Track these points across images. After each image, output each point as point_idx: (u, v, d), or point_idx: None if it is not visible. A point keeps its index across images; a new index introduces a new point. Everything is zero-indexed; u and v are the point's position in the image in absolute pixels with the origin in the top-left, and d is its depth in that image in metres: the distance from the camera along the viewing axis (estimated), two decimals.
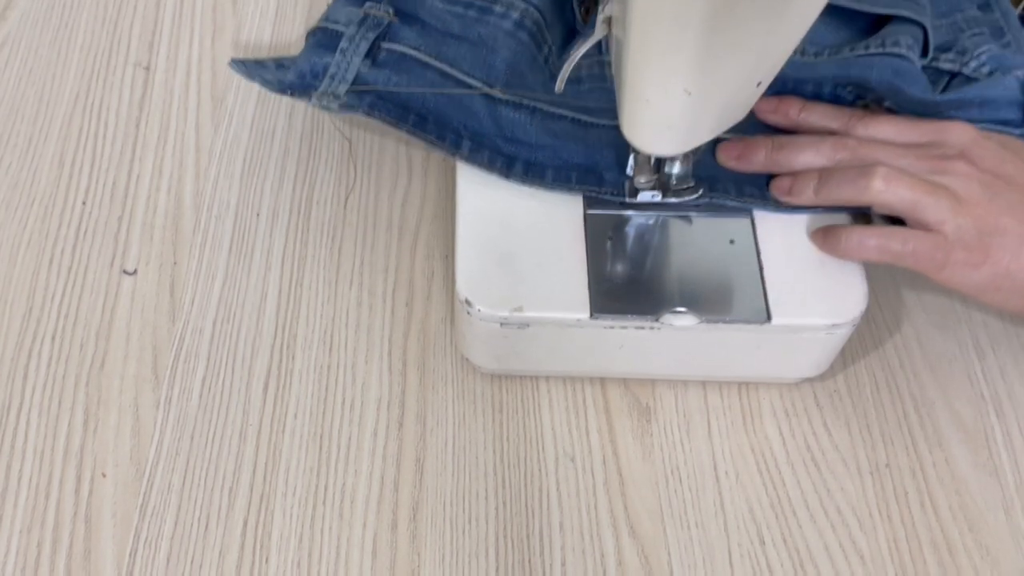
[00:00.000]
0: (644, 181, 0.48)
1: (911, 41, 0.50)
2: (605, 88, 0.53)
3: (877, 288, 0.55)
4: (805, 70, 0.52)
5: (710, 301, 0.47)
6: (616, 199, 0.50)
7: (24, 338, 0.53)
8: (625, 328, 0.47)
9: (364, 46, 0.53)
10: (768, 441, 0.51)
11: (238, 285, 0.55)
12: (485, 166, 0.50)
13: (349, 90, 0.52)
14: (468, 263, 0.48)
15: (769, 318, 0.47)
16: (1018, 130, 0.51)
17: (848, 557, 0.48)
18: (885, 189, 0.46)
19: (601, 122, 0.52)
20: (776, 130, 0.52)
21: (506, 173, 0.50)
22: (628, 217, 0.50)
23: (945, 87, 0.53)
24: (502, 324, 0.47)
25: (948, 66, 0.53)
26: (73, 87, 0.62)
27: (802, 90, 0.53)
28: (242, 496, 0.48)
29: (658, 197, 0.49)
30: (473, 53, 0.53)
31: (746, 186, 0.50)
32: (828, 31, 0.53)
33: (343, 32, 0.54)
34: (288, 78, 0.54)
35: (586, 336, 0.48)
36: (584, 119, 0.52)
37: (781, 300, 0.47)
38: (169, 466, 0.49)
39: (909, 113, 0.52)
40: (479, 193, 0.50)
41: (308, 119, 0.61)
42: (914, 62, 0.50)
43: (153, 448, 0.50)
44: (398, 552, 0.47)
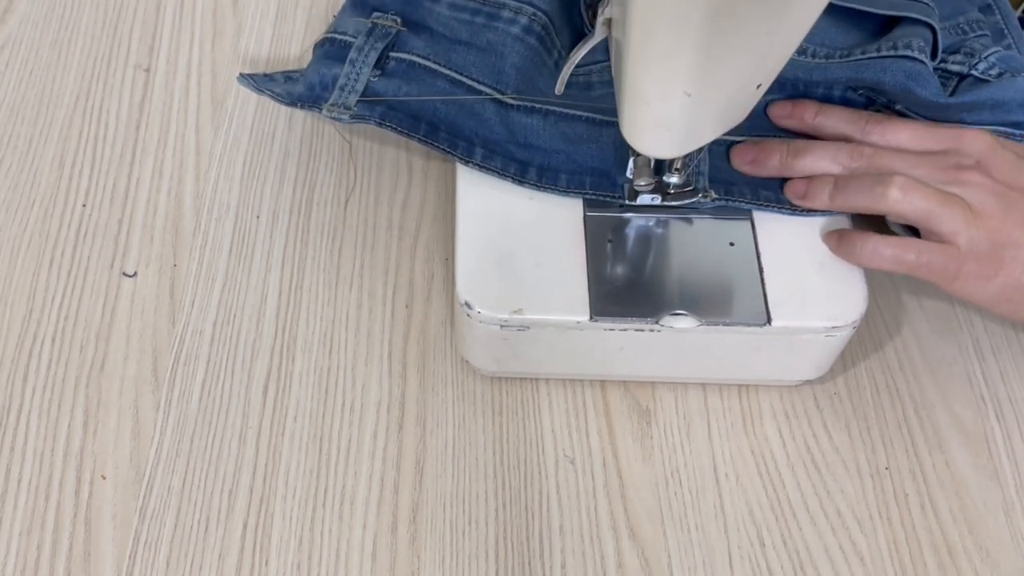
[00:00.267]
0: (644, 184, 0.48)
1: (922, 43, 0.50)
2: (614, 92, 0.54)
3: (877, 291, 0.55)
4: (816, 72, 0.52)
5: (710, 303, 0.47)
6: (618, 200, 0.50)
7: (24, 340, 0.53)
8: (625, 330, 0.47)
9: (373, 56, 0.53)
10: (768, 443, 0.51)
11: (238, 287, 0.55)
12: (498, 172, 0.50)
13: (359, 101, 0.52)
14: (468, 265, 0.48)
15: (769, 320, 0.47)
16: None
17: (848, 559, 0.47)
18: (901, 199, 0.46)
19: (615, 120, 0.52)
20: (789, 132, 0.52)
21: (520, 179, 0.50)
22: (628, 219, 0.50)
23: (954, 89, 0.53)
24: (502, 326, 0.47)
25: (957, 68, 0.53)
26: (73, 89, 0.62)
27: (813, 92, 0.53)
28: (242, 498, 0.48)
29: (657, 200, 0.49)
30: (482, 59, 0.53)
31: (761, 190, 0.50)
32: (838, 33, 0.53)
33: (351, 42, 0.54)
34: (297, 90, 0.53)
35: (586, 338, 0.48)
36: (599, 118, 0.52)
37: (781, 302, 0.47)
38: (169, 468, 0.49)
39: (922, 115, 0.52)
40: (479, 195, 0.50)
41: (308, 122, 0.61)
42: (926, 64, 0.50)
43: (153, 450, 0.50)
44: (398, 554, 0.47)
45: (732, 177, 0.51)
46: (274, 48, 0.65)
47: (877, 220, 0.49)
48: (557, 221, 0.50)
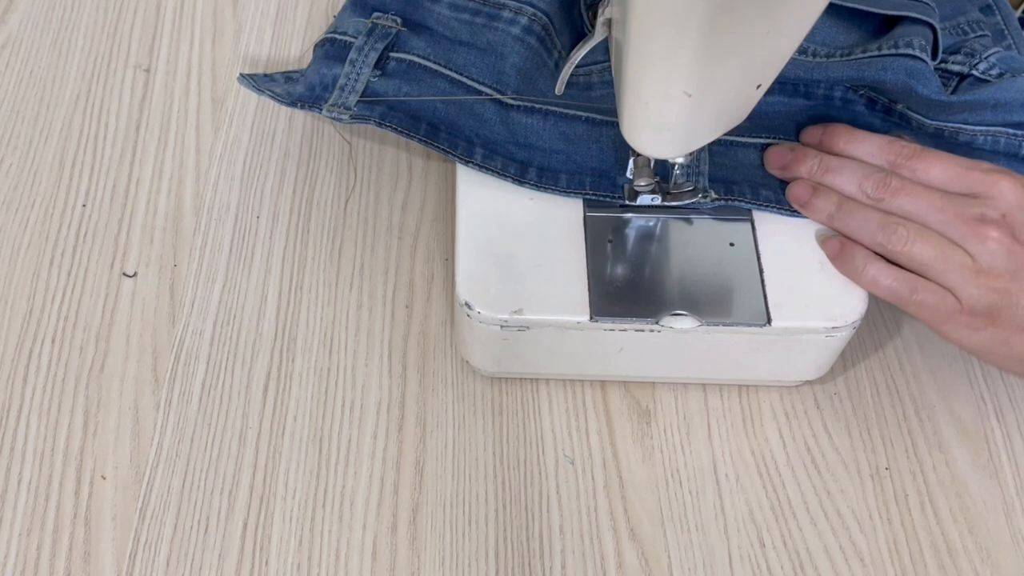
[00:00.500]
0: (643, 184, 0.48)
1: (923, 42, 0.50)
2: (613, 93, 0.54)
3: None
4: (817, 71, 0.52)
5: (710, 304, 0.47)
6: (618, 200, 0.50)
7: (24, 340, 0.53)
8: (625, 331, 0.47)
9: (373, 56, 0.53)
10: (768, 444, 0.51)
11: (238, 287, 0.55)
12: (498, 173, 0.50)
13: (359, 101, 0.51)
14: (468, 266, 0.48)
15: (769, 321, 0.47)
16: None
17: (848, 560, 0.47)
18: (901, 250, 0.46)
19: (616, 120, 0.52)
20: (795, 135, 0.52)
21: (520, 179, 0.50)
22: (628, 219, 0.50)
23: (954, 89, 0.53)
24: (502, 327, 0.47)
25: (957, 68, 0.53)
26: (73, 89, 0.62)
27: (814, 91, 0.53)
28: (242, 498, 0.48)
29: (657, 200, 0.49)
30: (482, 60, 0.53)
31: (762, 189, 0.50)
32: (839, 32, 0.53)
33: (351, 43, 0.54)
34: (297, 91, 0.53)
35: (586, 339, 0.48)
36: (598, 118, 0.52)
37: (781, 303, 0.47)
38: (169, 468, 0.49)
39: (922, 114, 0.52)
40: (479, 196, 0.50)
41: (308, 122, 0.61)
42: (927, 63, 0.50)
43: (153, 450, 0.50)
44: (398, 554, 0.47)
45: (732, 177, 0.51)
46: (274, 48, 0.65)
47: None
48: (557, 221, 0.50)
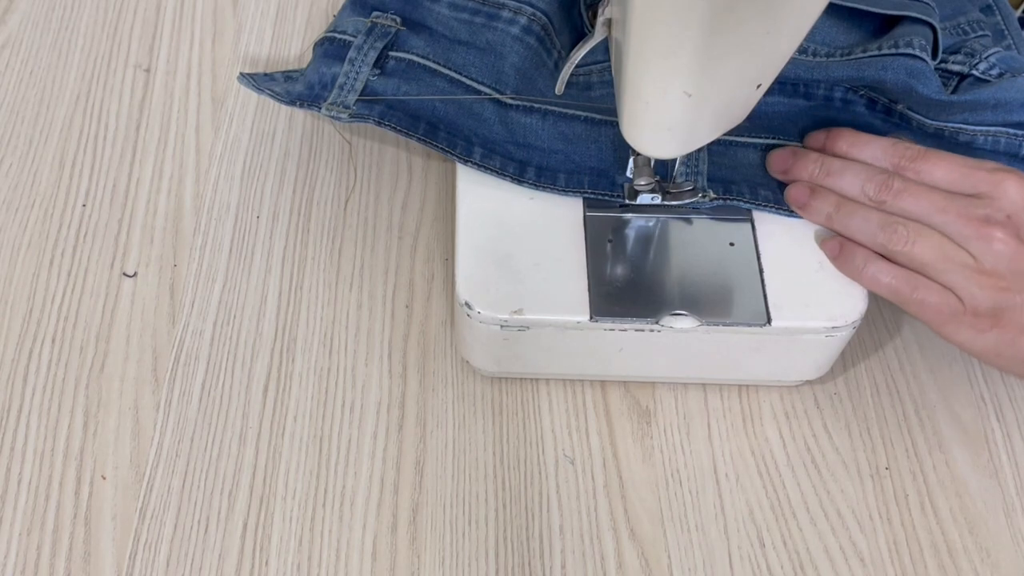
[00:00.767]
0: (643, 184, 0.48)
1: (923, 42, 0.50)
2: (613, 93, 0.54)
3: None
4: (817, 71, 0.52)
5: (710, 303, 0.47)
6: (618, 199, 0.50)
7: (24, 340, 0.53)
8: (625, 330, 0.47)
9: (372, 55, 0.53)
10: (768, 443, 0.51)
11: (238, 287, 0.55)
12: (497, 172, 0.50)
13: (358, 100, 0.52)
14: (468, 266, 0.48)
15: (769, 321, 0.47)
16: None
17: (848, 560, 0.47)
18: (901, 250, 0.46)
19: (614, 119, 0.52)
20: (799, 137, 0.52)
21: (518, 179, 0.50)
22: (628, 219, 0.50)
23: (954, 89, 0.53)
24: (502, 326, 0.47)
25: (957, 67, 0.53)
26: (73, 89, 0.62)
27: (814, 91, 0.53)
28: (242, 499, 0.48)
29: (657, 200, 0.49)
30: (482, 59, 0.53)
31: (761, 189, 0.50)
32: (839, 32, 0.53)
33: (351, 42, 0.54)
34: (297, 89, 0.54)
35: (586, 338, 0.48)
36: (598, 118, 0.52)
37: (781, 303, 0.47)
38: (169, 468, 0.49)
39: (922, 114, 0.52)
40: (479, 196, 0.50)
41: (308, 122, 0.61)
42: (927, 63, 0.50)
43: (153, 450, 0.50)
44: (398, 554, 0.47)
45: (731, 176, 0.51)
46: (274, 48, 0.65)
47: None
48: (557, 221, 0.50)
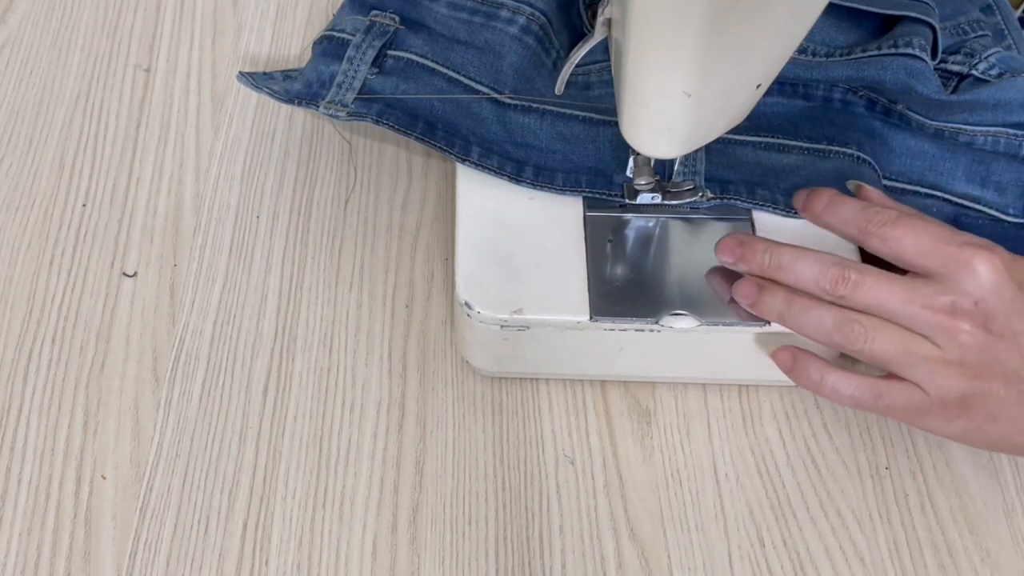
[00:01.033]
0: (643, 183, 0.48)
1: (923, 42, 0.51)
2: (612, 93, 0.54)
3: None
4: (817, 71, 0.52)
5: (710, 303, 0.47)
6: (618, 199, 0.50)
7: (24, 340, 0.53)
8: (625, 330, 0.47)
9: (371, 54, 0.53)
10: (768, 443, 0.51)
11: (238, 287, 0.55)
12: (495, 171, 0.50)
13: (356, 98, 0.52)
14: (468, 265, 0.48)
15: (769, 321, 0.47)
16: None
17: (848, 560, 0.47)
18: (861, 349, 0.44)
19: (613, 119, 0.52)
20: (787, 133, 0.52)
21: (516, 178, 0.50)
22: (628, 219, 0.50)
23: (954, 89, 0.53)
24: (502, 326, 0.47)
25: (957, 68, 0.53)
26: (73, 89, 0.62)
27: (813, 91, 0.53)
28: (242, 498, 0.48)
29: (657, 199, 0.49)
30: (480, 59, 0.53)
31: (758, 189, 0.50)
32: (838, 32, 0.53)
33: (349, 40, 0.54)
34: (295, 88, 0.54)
35: (586, 338, 0.48)
36: (596, 117, 0.52)
37: None
38: (169, 468, 0.49)
39: (922, 114, 0.52)
40: (479, 195, 0.50)
41: (308, 122, 0.61)
42: (927, 62, 0.50)
43: (153, 450, 0.50)
44: (398, 554, 0.47)
45: (729, 176, 0.51)
46: (274, 48, 0.65)
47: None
48: (557, 221, 0.50)
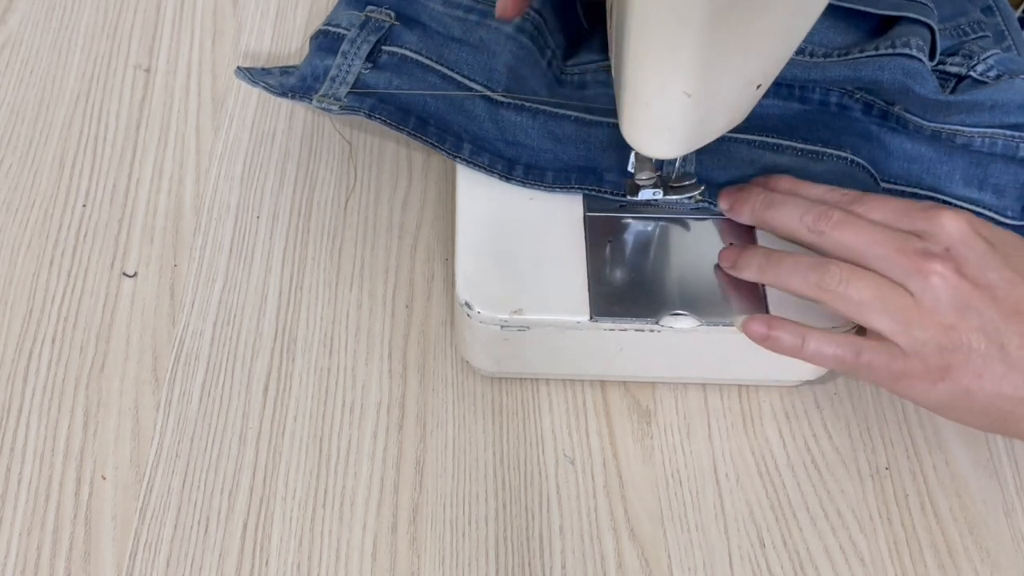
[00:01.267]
0: (645, 179, 0.48)
1: (920, 42, 0.50)
2: (609, 94, 0.54)
3: None
4: (815, 71, 0.52)
5: (710, 303, 0.47)
6: (617, 199, 0.50)
7: (24, 340, 0.53)
8: (625, 330, 0.47)
9: (365, 48, 0.53)
10: (768, 444, 0.51)
11: (238, 287, 0.55)
12: (486, 169, 0.51)
13: (350, 92, 0.52)
14: (468, 265, 0.48)
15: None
16: None
17: (848, 560, 0.47)
18: (834, 291, 0.43)
19: (605, 120, 0.52)
20: (782, 143, 0.52)
21: (507, 176, 0.51)
22: (628, 219, 0.50)
23: (952, 90, 0.53)
24: (502, 327, 0.47)
25: (955, 69, 0.53)
26: (73, 89, 0.62)
27: (810, 93, 0.53)
28: (242, 498, 0.48)
29: (659, 195, 0.49)
30: (474, 57, 0.53)
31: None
32: (836, 33, 0.53)
33: (344, 35, 0.54)
34: (290, 82, 0.54)
35: (586, 339, 0.48)
36: (588, 118, 0.52)
37: (781, 302, 0.47)
38: (169, 468, 0.49)
39: (919, 115, 0.52)
40: (479, 195, 0.50)
41: (308, 122, 0.61)
42: (924, 63, 0.50)
43: (153, 450, 0.50)
44: (398, 554, 0.47)
45: (719, 177, 0.51)
46: (274, 47, 0.65)
47: None
48: (557, 221, 0.50)
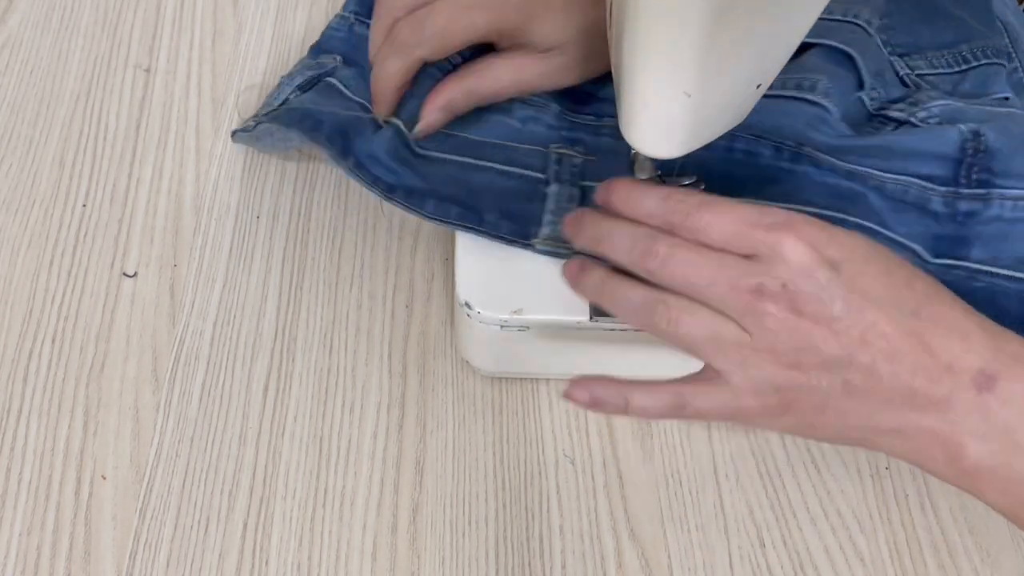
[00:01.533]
0: (646, 178, 0.48)
1: (827, 84, 0.48)
2: (507, 121, 0.52)
3: None
4: None
5: None
6: (495, 240, 0.48)
7: (24, 340, 0.53)
8: (625, 330, 0.47)
9: (299, 79, 0.56)
10: (768, 443, 0.51)
11: (238, 287, 0.55)
12: (368, 184, 0.49)
13: (269, 112, 0.54)
14: (468, 266, 0.48)
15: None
16: (942, 188, 0.48)
17: (848, 560, 0.47)
18: (665, 329, 0.40)
19: (488, 164, 0.50)
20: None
21: (388, 196, 0.49)
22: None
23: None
24: (502, 327, 0.47)
25: (897, 114, 0.50)
26: (73, 89, 0.62)
27: (714, 142, 0.48)
28: (242, 498, 0.48)
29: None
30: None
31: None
32: None
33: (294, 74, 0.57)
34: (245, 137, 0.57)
35: (586, 338, 0.48)
36: (469, 162, 0.51)
37: None
38: (169, 468, 0.49)
39: (831, 155, 0.49)
40: None
41: None
42: (827, 108, 0.48)
43: (153, 450, 0.50)
44: (398, 554, 0.47)
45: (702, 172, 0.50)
46: (274, 47, 0.65)
47: None
48: None
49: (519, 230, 0.48)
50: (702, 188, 0.49)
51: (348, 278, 0.55)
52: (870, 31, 0.50)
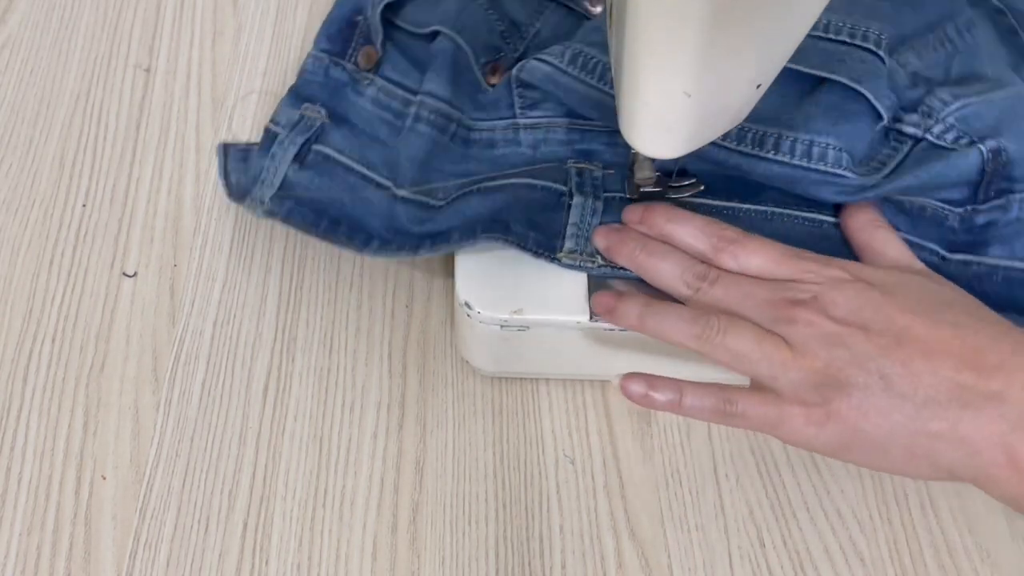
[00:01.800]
0: (645, 178, 0.48)
1: (836, 150, 0.47)
2: (519, 151, 0.53)
3: None
4: (731, 161, 0.49)
5: None
6: (525, 251, 0.47)
7: (24, 340, 0.53)
8: (625, 330, 0.47)
9: (292, 150, 0.54)
10: (768, 443, 0.51)
11: (238, 287, 0.55)
12: (394, 255, 0.49)
13: (274, 196, 0.52)
14: (468, 266, 0.48)
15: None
16: (959, 209, 0.49)
17: (848, 559, 0.47)
18: (711, 342, 0.42)
19: (509, 181, 0.50)
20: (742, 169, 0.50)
21: (414, 253, 0.49)
22: None
23: (907, 155, 0.49)
24: (502, 327, 0.47)
25: (911, 130, 0.49)
26: (73, 89, 0.62)
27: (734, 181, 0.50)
28: (242, 498, 0.48)
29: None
30: (388, 155, 0.54)
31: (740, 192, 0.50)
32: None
33: (279, 134, 0.55)
34: (242, 182, 0.54)
35: (586, 338, 0.48)
36: (490, 185, 0.50)
37: None
38: (169, 468, 0.49)
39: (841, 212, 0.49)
40: None
41: None
42: (836, 174, 0.47)
43: (153, 450, 0.50)
44: (398, 554, 0.47)
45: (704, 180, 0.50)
46: (274, 47, 0.65)
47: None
48: None
49: (546, 242, 0.48)
50: (702, 188, 0.49)
51: (348, 278, 0.55)
52: (880, 52, 0.49)
